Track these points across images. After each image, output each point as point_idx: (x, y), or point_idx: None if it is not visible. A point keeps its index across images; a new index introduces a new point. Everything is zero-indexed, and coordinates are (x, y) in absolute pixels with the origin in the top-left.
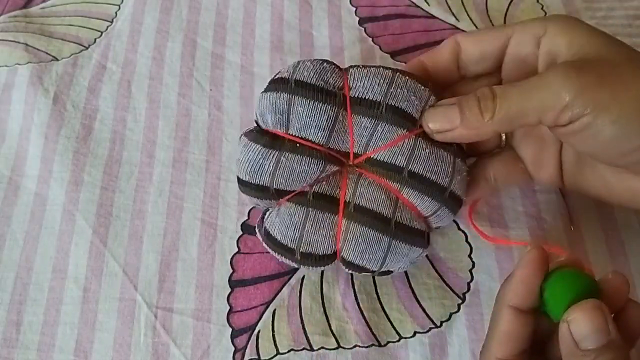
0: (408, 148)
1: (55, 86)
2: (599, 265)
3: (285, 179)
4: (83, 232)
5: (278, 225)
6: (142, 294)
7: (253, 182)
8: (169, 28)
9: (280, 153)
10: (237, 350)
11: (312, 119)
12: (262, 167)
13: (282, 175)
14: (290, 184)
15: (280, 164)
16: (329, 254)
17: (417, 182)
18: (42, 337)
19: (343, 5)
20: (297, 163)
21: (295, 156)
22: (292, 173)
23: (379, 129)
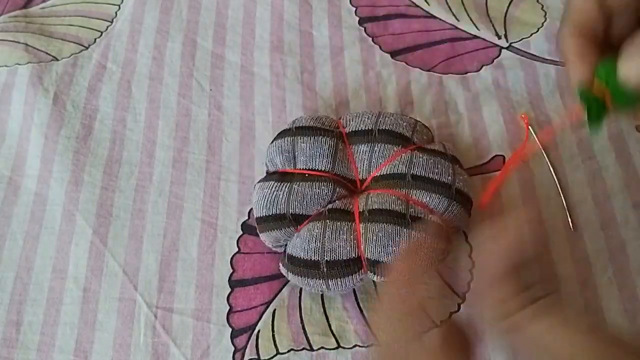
0: (406, 159)
1: (55, 86)
2: (599, 265)
3: (300, 203)
4: (83, 232)
5: (299, 244)
6: (142, 294)
7: (270, 214)
8: (169, 28)
9: (291, 184)
10: (237, 350)
11: (315, 149)
12: (277, 197)
13: (296, 200)
14: (305, 207)
15: (293, 191)
16: (354, 257)
17: (421, 182)
18: (42, 337)
19: (343, 5)
20: (309, 188)
21: (305, 183)
22: (305, 197)
23: (376, 149)
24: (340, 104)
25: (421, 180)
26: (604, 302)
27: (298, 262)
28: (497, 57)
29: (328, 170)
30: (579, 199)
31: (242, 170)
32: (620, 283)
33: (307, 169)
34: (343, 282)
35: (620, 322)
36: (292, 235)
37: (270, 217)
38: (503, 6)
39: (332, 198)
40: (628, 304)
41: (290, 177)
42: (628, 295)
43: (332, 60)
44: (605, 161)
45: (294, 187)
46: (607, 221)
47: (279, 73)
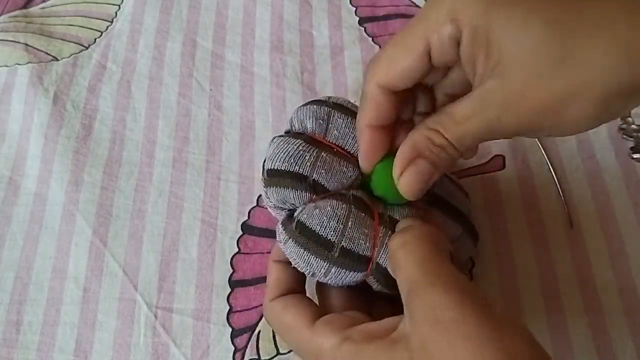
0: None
1: (55, 86)
2: (599, 265)
3: (326, 172)
4: (83, 232)
5: (319, 216)
6: (142, 294)
7: (291, 170)
8: (169, 28)
9: (320, 151)
10: (237, 350)
11: (351, 129)
12: (303, 157)
13: (322, 168)
14: (328, 179)
15: (321, 159)
16: (366, 256)
17: (441, 204)
18: (42, 337)
19: (343, 5)
20: (337, 163)
21: (334, 157)
22: (331, 169)
23: None
24: None
25: (441, 202)
26: (604, 302)
27: (310, 235)
28: None
29: (355, 156)
30: (579, 199)
31: (242, 170)
32: (621, 283)
33: (337, 145)
34: (346, 275)
35: (620, 322)
36: (304, 202)
37: (289, 173)
38: None
39: (354, 183)
40: (628, 304)
41: (319, 144)
42: (628, 295)
43: (332, 60)
44: (605, 161)
45: (323, 154)
46: (607, 221)
47: (279, 73)
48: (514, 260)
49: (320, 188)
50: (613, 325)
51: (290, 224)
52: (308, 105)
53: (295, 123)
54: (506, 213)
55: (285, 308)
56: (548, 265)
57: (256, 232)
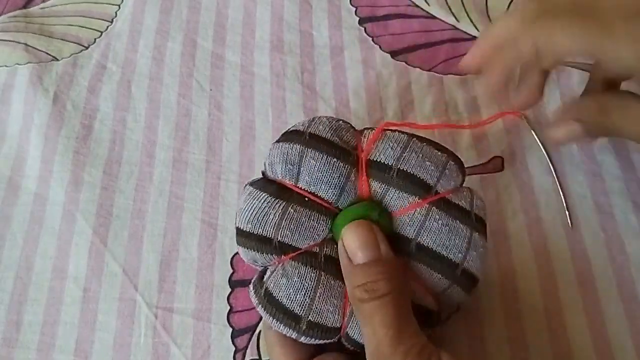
0: (419, 218)
1: (55, 86)
2: (599, 265)
3: (292, 232)
4: (83, 232)
5: (285, 287)
6: (142, 294)
7: (255, 233)
8: (169, 28)
9: (287, 204)
10: (237, 351)
11: (324, 174)
12: (267, 216)
13: (288, 227)
14: (296, 238)
15: (288, 215)
16: (336, 327)
17: (426, 256)
18: (42, 337)
19: (343, 5)
20: (306, 217)
21: (303, 209)
22: (299, 226)
23: (389, 194)
24: (340, 104)
25: (426, 254)
26: (604, 302)
27: (277, 306)
28: None
29: (331, 202)
30: (579, 199)
31: (242, 170)
32: (621, 283)
33: (310, 192)
34: (316, 341)
35: (620, 322)
36: (271, 263)
37: (254, 235)
38: (503, 6)
39: (327, 236)
40: (628, 304)
41: (288, 194)
42: (628, 295)
43: (332, 60)
44: (605, 161)
45: (290, 210)
46: (607, 221)
47: (279, 73)
48: (513, 261)
49: (288, 248)
50: (613, 325)
51: (260, 288)
52: (280, 143)
53: (268, 167)
54: (505, 213)
55: (277, 344)
56: (548, 265)
57: None
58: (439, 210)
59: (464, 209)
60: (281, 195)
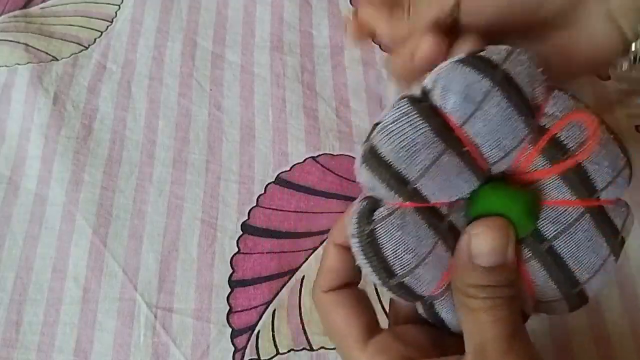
0: (567, 220)
1: (55, 86)
2: None
3: (434, 183)
4: (83, 232)
5: (396, 241)
6: (142, 294)
7: (394, 166)
8: (169, 28)
9: (444, 150)
10: (237, 350)
11: (501, 129)
12: (419, 156)
13: (433, 177)
14: (434, 192)
15: (439, 163)
16: (423, 295)
17: (552, 261)
18: (42, 337)
19: (343, 5)
20: (456, 172)
21: (457, 162)
22: (444, 180)
23: (548, 180)
24: (340, 104)
25: (553, 260)
26: (604, 302)
27: (377, 253)
28: None
29: (489, 164)
30: None
31: (242, 170)
32: (621, 283)
33: (473, 142)
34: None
35: (620, 322)
36: (392, 201)
37: (392, 168)
38: None
39: (463, 197)
40: (628, 304)
41: (449, 137)
42: (628, 295)
43: (332, 60)
44: None
45: (444, 158)
46: None
47: (279, 73)
48: None
49: (419, 197)
50: (613, 325)
51: (366, 225)
52: (466, 68)
53: (438, 89)
54: None
55: (338, 307)
56: None
57: (256, 232)
58: (591, 219)
59: (615, 227)
60: (442, 136)
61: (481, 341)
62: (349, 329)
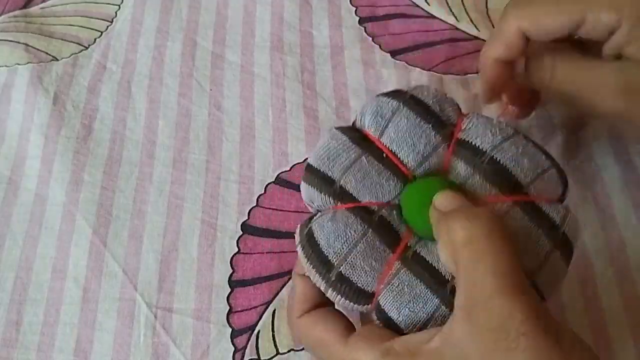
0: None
1: (55, 86)
2: (600, 265)
3: (357, 182)
4: (83, 232)
5: (328, 230)
6: (142, 294)
7: (321, 170)
8: (169, 28)
9: (362, 152)
10: (237, 350)
11: (411, 135)
12: (339, 157)
13: (354, 175)
14: (358, 189)
15: (358, 163)
16: (367, 291)
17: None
18: (42, 337)
19: (343, 5)
20: (377, 172)
21: (377, 164)
22: (365, 178)
23: (472, 180)
24: (340, 104)
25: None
26: (604, 302)
27: (314, 248)
28: None
29: (409, 168)
30: (579, 199)
31: (242, 170)
32: (621, 283)
33: (390, 149)
34: (344, 302)
35: (620, 321)
36: (326, 207)
37: (319, 172)
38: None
39: (391, 200)
40: (629, 304)
41: (368, 145)
42: (629, 295)
43: (332, 60)
44: (605, 161)
45: (363, 159)
46: (607, 221)
47: (279, 73)
48: None
49: (347, 197)
50: (613, 325)
51: (305, 227)
52: (379, 97)
53: (358, 114)
54: None
55: (315, 323)
56: None
57: (256, 232)
58: (523, 212)
59: (553, 221)
60: (360, 144)
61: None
62: (329, 335)
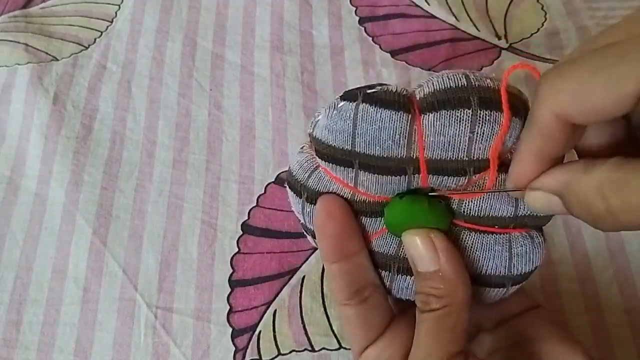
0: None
1: (55, 86)
2: (600, 265)
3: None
4: (83, 232)
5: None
6: (142, 294)
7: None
8: (169, 28)
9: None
10: (237, 350)
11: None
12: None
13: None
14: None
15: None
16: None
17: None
18: (42, 337)
19: (343, 5)
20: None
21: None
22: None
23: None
24: None
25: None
26: (604, 302)
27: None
28: (497, 58)
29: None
30: None
31: (242, 170)
32: (621, 283)
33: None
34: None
35: (620, 321)
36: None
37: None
38: (503, 6)
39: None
40: (629, 304)
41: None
42: (628, 295)
43: (332, 59)
44: None
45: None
46: None
47: (279, 73)
48: None
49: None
50: (613, 324)
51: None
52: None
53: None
54: None
55: (346, 322)
56: (548, 266)
57: (256, 232)
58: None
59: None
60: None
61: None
62: (352, 343)
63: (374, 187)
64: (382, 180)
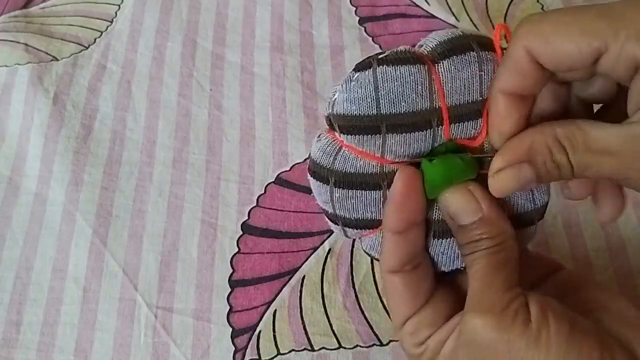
0: None
1: (55, 86)
2: (600, 265)
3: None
4: (83, 232)
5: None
6: (142, 294)
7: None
8: (169, 28)
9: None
10: (237, 350)
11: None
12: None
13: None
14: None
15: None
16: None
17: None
18: (42, 337)
19: (343, 5)
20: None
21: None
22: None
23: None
24: None
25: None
26: None
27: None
28: None
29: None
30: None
31: (242, 170)
32: (621, 283)
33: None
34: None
35: None
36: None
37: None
38: (503, 6)
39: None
40: None
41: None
42: (628, 295)
43: (332, 60)
44: None
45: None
46: None
47: (279, 73)
48: None
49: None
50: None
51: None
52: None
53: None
54: None
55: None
56: None
57: (256, 232)
58: None
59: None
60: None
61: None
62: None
63: (401, 149)
64: (409, 139)
